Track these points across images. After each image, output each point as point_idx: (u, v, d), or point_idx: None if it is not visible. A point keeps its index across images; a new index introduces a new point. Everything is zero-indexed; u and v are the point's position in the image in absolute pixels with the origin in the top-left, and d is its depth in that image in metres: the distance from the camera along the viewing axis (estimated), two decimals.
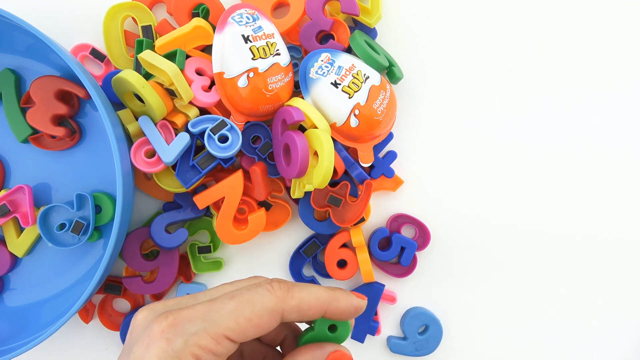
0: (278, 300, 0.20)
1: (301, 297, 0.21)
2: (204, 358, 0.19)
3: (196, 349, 0.19)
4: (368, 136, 0.35)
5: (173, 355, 0.19)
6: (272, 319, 0.20)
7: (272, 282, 0.21)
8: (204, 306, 0.20)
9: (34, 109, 0.34)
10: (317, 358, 0.22)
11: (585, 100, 0.39)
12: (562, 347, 0.40)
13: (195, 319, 0.20)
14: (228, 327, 0.19)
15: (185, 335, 0.19)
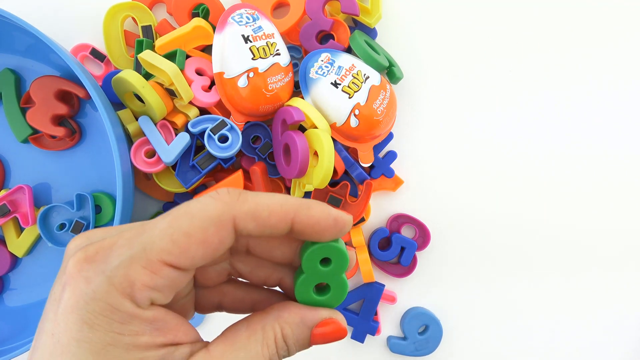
0: (224, 206, 0.16)
1: (257, 202, 0.16)
2: (140, 297, 0.15)
3: (125, 285, 0.15)
4: (368, 136, 0.35)
5: (93, 298, 0.15)
6: (220, 231, 0.16)
7: (219, 188, 0.17)
8: (132, 230, 0.16)
9: (34, 109, 0.34)
10: (306, 322, 0.18)
11: (584, 101, 0.39)
12: (562, 346, 0.40)
13: (119, 247, 0.15)
14: (163, 249, 0.15)
15: (107, 270, 0.15)
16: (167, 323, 0.16)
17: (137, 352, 0.15)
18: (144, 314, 0.15)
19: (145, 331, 0.16)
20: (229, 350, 0.17)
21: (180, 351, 0.17)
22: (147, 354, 0.16)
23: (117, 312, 0.15)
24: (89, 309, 0.15)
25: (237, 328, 0.18)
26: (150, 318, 0.16)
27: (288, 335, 0.18)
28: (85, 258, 0.16)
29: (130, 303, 0.15)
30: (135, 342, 0.15)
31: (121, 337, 0.15)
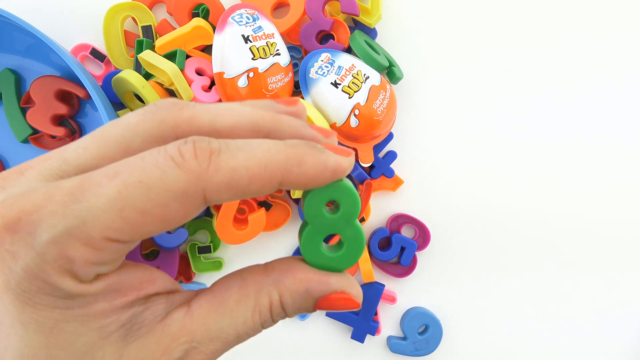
0: (192, 178, 0.13)
1: (234, 167, 0.13)
2: (82, 273, 0.13)
3: (61, 262, 0.12)
4: (368, 136, 0.35)
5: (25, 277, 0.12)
6: (185, 207, 0.13)
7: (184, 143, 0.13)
8: (66, 190, 0.13)
9: (34, 109, 0.34)
10: (312, 293, 0.16)
11: (585, 101, 0.39)
12: (562, 346, 0.40)
13: (50, 214, 0.12)
14: (109, 226, 0.12)
15: (36, 245, 0.12)
16: (125, 282, 0.14)
17: (95, 321, 0.14)
18: (90, 287, 0.13)
19: (97, 298, 0.13)
20: (214, 313, 0.15)
21: (152, 309, 0.15)
22: (108, 320, 0.14)
23: (57, 289, 0.13)
24: (24, 288, 0.12)
25: (228, 285, 0.16)
26: (100, 289, 0.14)
27: (287, 303, 0.16)
28: (5, 227, 0.12)
29: (71, 280, 0.13)
30: (89, 311, 0.13)
31: (70, 311, 0.13)
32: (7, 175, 0.14)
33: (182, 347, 0.14)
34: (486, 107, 0.39)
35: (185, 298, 0.16)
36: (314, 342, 0.39)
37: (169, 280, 0.16)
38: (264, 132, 0.15)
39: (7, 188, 0.14)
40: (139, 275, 0.15)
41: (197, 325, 0.15)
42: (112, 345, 0.14)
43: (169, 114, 0.14)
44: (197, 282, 0.39)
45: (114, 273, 0.14)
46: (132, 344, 0.14)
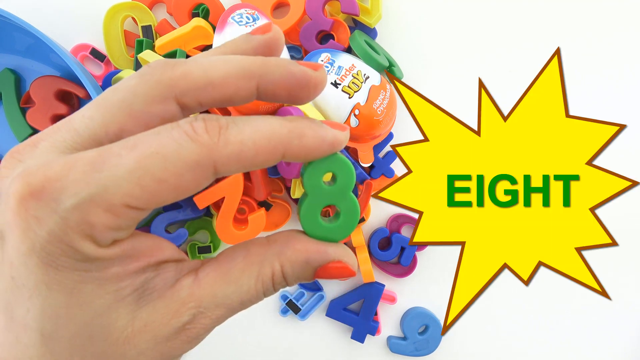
0: (205, 150, 0.14)
1: (241, 141, 0.14)
2: (101, 237, 0.14)
3: (83, 227, 0.13)
4: (368, 136, 0.35)
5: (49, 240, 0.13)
6: (197, 177, 0.14)
7: (195, 120, 0.14)
8: (87, 160, 0.14)
9: (33, 109, 0.34)
10: (311, 262, 0.17)
11: (586, 101, 0.39)
12: (562, 346, 0.40)
13: (73, 182, 0.13)
14: (129, 194, 0.13)
15: (60, 210, 0.13)
16: (137, 248, 0.15)
17: (111, 284, 0.15)
18: (107, 252, 0.14)
19: (113, 263, 0.15)
20: (220, 281, 0.16)
21: (162, 276, 0.16)
22: (123, 284, 0.15)
23: (78, 253, 0.14)
24: (48, 251, 0.13)
25: (233, 256, 0.17)
26: (116, 254, 0.15)
27: (288, 273, 0.17)
28: (30, 193, 0.13)
29: (91, 244, 0.14)
30: (106, 275, 0.14)
31: (89, 273, 0.14)
32: (21, 148, 0.15)
33: (190, 311, 0.15)
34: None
35: (193, 266, 0.17)
36: (314, 342, 0.39)
37: (176, 250, 0.17)
38: (256, 77, 0.16)
39: (24, 160, 0.15)
40: (150, 243, 0.16)
41: (204, 292, 0.16)
42: (125, 308, 0.15)
43: (164, 73, 0.15)
44: None
45: (128, 240, 0.15)
46: (144, 307, 0.15)
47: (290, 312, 0.39)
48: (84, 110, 0.15)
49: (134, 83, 0.15)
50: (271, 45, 0.18)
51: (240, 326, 0.39)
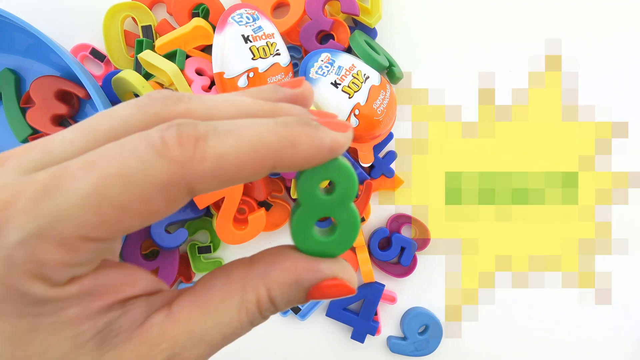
0: (177, 168, 0.12)
1: (221, 155, 0.12)
2: (55, 276, 0.12)
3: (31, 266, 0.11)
4: (368, 136, 0.35)
5: None
6: (168, 200, 0.12)
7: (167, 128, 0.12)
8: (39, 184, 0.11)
9: (33, 109, 0.34)
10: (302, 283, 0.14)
11: (586, 102, 0.39)
12: (562, 346, 0.40)
13: (19, 212, 0.11)
14: (85, 224, 0.11)
15: (4, 246, 0.11)
16: (102, 284, 0.13)
17: (68, 329, 0.12)
18: (63, 291, 0.12)
19: (71, 303, 0.12)
20: (197, 314, 0.14)
21: (130, 314, 0.13)
22: (83, 327, 0.12)
23: (26, 296, 0.11)
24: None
25: (212, 283, 0.14)
26: (74, 293, 0.12)
27: (276, 297, 0.14)
28: None
29: (41, 285, 0.12)
30: (62, 319, 0.12)
31: (40, 319, 0.12)
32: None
33: (162, 354, 0.13)
34: (488, 107, 0.39)
35: (167, 299, 0.14)
36: (314, 342, 0.39)
37: (153, 280, 0.14)
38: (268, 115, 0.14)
39: None
40: (119, 276, 0.13)
41: (178, 328, 0.13)
42: (86, 355, 0.13)
43: (164, 107, 0.13)
44: None
45: (91, 274, 0.13)
46: (108, 352, 0.13)
47: (290, 312, 0.39)
48: (66, 132, 0.13)
49: (129, 113, 0.13)
50: (298, 101, 0.15)
51: None
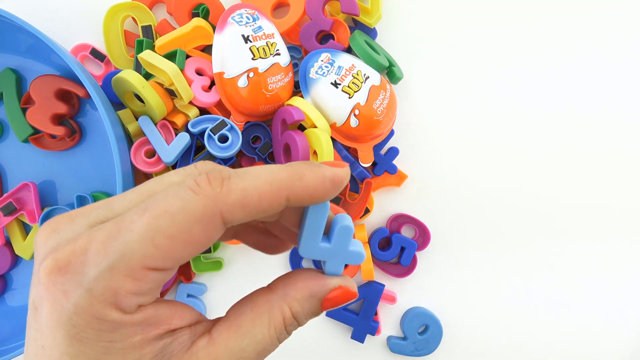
0: (209, 201, 0.15)
1: (244, 187, 0.15)
2: (126, 304, 0.14)
3: (107, 295, 0.14)
4: (368, 136, 0.35)
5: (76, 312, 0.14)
6: (206, 229, 0.15)
7: (198, 175, 0.15)
8: (105, 231, 0.14)
9: (33, 108, 0.34)
10: (316, 295, 0.17)
11: (587, 101, 0.39)
12: (563, 346, 0.40)
13: (94, 254, 0.14)
14: (145, 255, 0.14)
15: (85, 282, 0.14)
16: (159, 315, 0.16)
17: (133, 353, 0.15)
18: (132, 318, 0.15)
19: (137, 331, 0.15)
20: (233, 337, 0.17)
21: (179, 340, 0.16)
22: (144, 351, 0.15)
23: (104, 323, 0.14)
24: (74, 324, 0.14)
25: (241, 310, 0.17)
26: (140, 320, 0.15)
27: (298, 312, 0.17)
28: (58, 268, 0.14)
29: (116, 312, 0.14)
30: (129, 344, 0.15)
31: (113, 344, 0.15)
32: (59, 220, 0.16)
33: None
34: (487, 107, 0.39)
35: (206, 328, 0.17)
36: (314, 342, 0.39)
37: (196, 314, 0.17)
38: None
39: (59, 232, 0.16)
40: (171, 310, 0.16)
41: (220, 350, 0.16)
42: None
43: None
44: (197, 282, 0.39)
45: (151, 306, 0.16)
46: None
47: None
48: (127, 194, 0.16)
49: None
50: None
51: None
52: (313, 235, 0.18)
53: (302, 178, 0.16)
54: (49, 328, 0.14)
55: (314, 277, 0.18)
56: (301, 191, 0.16)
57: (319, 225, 0.17)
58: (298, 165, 0.16)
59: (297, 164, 0.16)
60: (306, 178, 0.16)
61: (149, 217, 0.14)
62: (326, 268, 0.18)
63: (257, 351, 0.17)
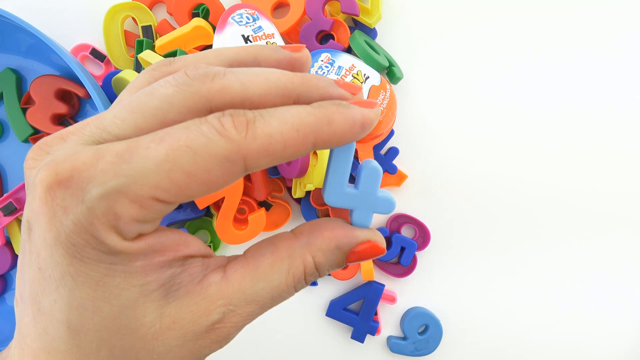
0: (233, 145, 0.14)
1: (270, 133, 0.14)
2: (127, 230, 0.14)
3: (110, 218, 0.13)
4: (368, 136, 0.35)
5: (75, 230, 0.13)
6: (227, 173, 0.14)
7: (223, 116, 0.14)
8: (116, 151, 0.13)
9: (34, 108, 0.34)
10: (342, 247, 0.17)
11: (587, 102, 0.39)
12: (563, 346, 0.40)
13: (101, 172, 0.13)
14: (157, 186, 0.13)
15: (87, 200, 0.13)
16: (162, 243, 0.15)
17: (137, 278, 0.14)
18: (131, 245, 0.14)
19: (138, 257, 0.14)
20: (248, 278, 0.16)
21: (189, 272, 0.15)
22: (149, 278, 0.14)
23: (103, 245, 0.13)
24: (73, 242, 0.13)
25: (260, 252, 0.17)
26: (140, 248, 0.14)
27: (321, 263, 0.17)
28: (58, 182, 0.13)
29: (115, 236, 0.13)
30: (131, 268, 0.14)
31: (115, 266, 0.14)
32: (49, 141, 0.15)
33: (219, 309, 0.15)
34: (487, 108, 0.39)
35: (219, 263, 0.16)
36: (314, 342, 0.39)
37: (202, 245, 0.17)
38: (293, 96, 0.15)
39: (52, 152, 0.14)
40: (175, 238, 0.15)
41: (233, 289, 0.16)
42: (153, 303, 0.15)
43: (202, 85, 0.15)
44: None
45: (153, 234, 0.15)
46: (172, 303, 0.15)
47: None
48: (115, 111, 0.15)
49: (171, 92, 0.15)
50: (296, 65, 0.17)
51: None
52: (339, 179, 0.16)
53: (330, 123, 0.15)
54: (47, 247, 0.13)
55: (342, 227, 0.17)
56: (329, 137, 0.15)
57: (345, 168, 0.16)
58: (326, 107, 0.15)
59: (325, 105, 0.15)
60: (335, 122, 0.15)
61: (167, 148, 0.13)
62: (353, 218, 0.17)
63: (271, 296, 0.16)
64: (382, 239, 0.18)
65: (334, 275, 0.38)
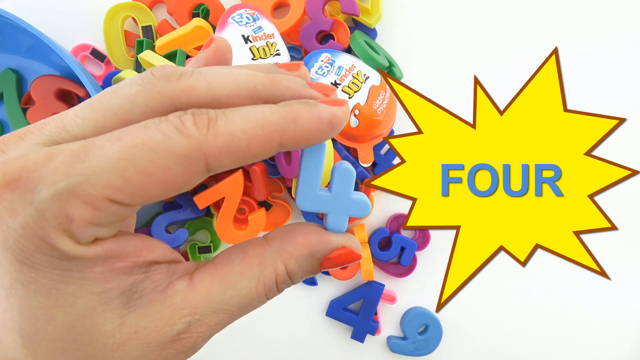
0: (193, 143, 0.13)
1: (232, 131, 0.13)
2: (80, 234, 0.13)
3: (60, 220, 0.12)
4: (368, 136, 0.35)
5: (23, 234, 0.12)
6: (187, 171, 0.13)
7: (184, 114, 0.13)
8: (69, 151, 0.13)
9: (34, 108, 0.34)
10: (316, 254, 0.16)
11: (585, 96, 0.39)
12: (563, 346, 0.40)
13: (51, 171, 0.12)
14: (111, 186, 0.12)
15: (35, 201, 0.12)
16: (123, 248, 0.14)
17: (95, 285, 0.14)
18: (86, 250, 0.13)
19: (96, 262, 0.13)
20: (216, 285, 0.15)
21: (153, 279, 0.15)
22: (108, 285, 0.14)
23: (55, 249, 0.13)
24: (22, 247, 0.12)
25: (230, 258, 0.16)
26: (97, 253, 0.13)
27: (294, 270, 0.16)
28: (5, 183, 0.12)
29: (68, 241, 0.13)
30: (88, 275, 0.13)
31: (69, 273, 0.13)
32: (6, 139, 0.14)
33: (185, 318, 0.15)
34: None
35: (187, 269, 0.16)
36: (314, 342, 0.39)
37: (169, 250, 0.16)
38: (263, 97, 0.15)
39: (7, 151, 0.14)
40: (137, 242, 0.15)
41: (199, 297, 0.15)
42: (113, 312, 0.14)
43: (167, 85, 0.14)
44: None
45: (112, 239, 0.14)
46: (134, 312, 0.14)
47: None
48: (77, 109, 0.14)
49: (134, 91, 0.14)
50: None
51: (238, 326, 0.39)
52: (310, 181, 0.16)
53: (296, 120, 0.14)
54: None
55: (316, 232, 0.16)
56: (295, 135, 0.14)
57: (317, 170, 0.16)
58: (292, 106, 0.14)
59: (291, 103, 0.14)
60: (301, 120, 0.14)
61: (123, 145, 0.13)
62: (328, 223, 0.16)
63: (240, 305, 0.15)
64: (358, 244, 0.17)
65: (334, 275, 0.38)
